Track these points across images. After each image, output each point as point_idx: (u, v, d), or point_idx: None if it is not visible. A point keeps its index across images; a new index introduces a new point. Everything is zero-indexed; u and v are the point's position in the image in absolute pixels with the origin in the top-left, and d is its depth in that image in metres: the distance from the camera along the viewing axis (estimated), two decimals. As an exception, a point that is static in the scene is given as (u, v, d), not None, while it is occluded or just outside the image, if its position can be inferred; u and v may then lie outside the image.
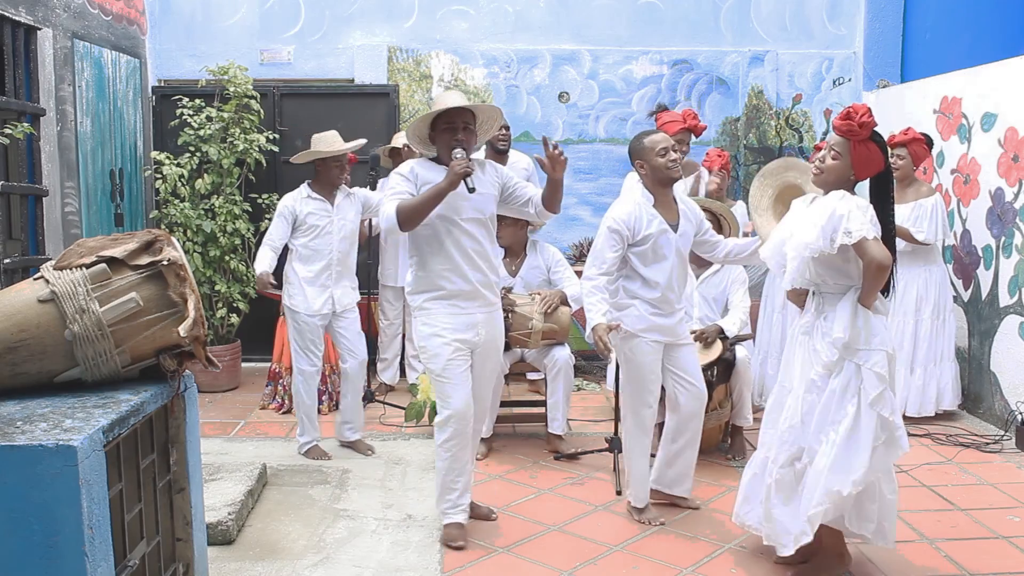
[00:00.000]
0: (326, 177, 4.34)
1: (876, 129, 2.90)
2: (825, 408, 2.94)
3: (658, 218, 3.47)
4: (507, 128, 5.43)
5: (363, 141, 4.53)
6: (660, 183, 3.48)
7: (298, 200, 4.32)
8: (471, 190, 3.09)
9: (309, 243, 4.31)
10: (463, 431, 3.29)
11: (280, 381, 5.38)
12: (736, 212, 4.80)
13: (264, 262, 4.27)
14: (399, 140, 5.31)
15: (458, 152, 3.12)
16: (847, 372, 2.92)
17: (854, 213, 2.78)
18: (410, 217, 3.11)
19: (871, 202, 2.91)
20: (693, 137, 4.71)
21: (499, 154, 5.28)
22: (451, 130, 3.21)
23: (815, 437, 2.94)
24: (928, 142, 5.06)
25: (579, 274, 4.87)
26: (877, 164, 2.91)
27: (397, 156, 5.34)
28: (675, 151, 3.48)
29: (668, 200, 3.53)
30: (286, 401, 5.29)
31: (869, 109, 2.86)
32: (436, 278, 3.25)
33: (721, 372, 4.26)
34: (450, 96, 3.29)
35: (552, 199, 3.32)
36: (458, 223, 3.22)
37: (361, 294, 5.64)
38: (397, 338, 5.72)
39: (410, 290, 3.35)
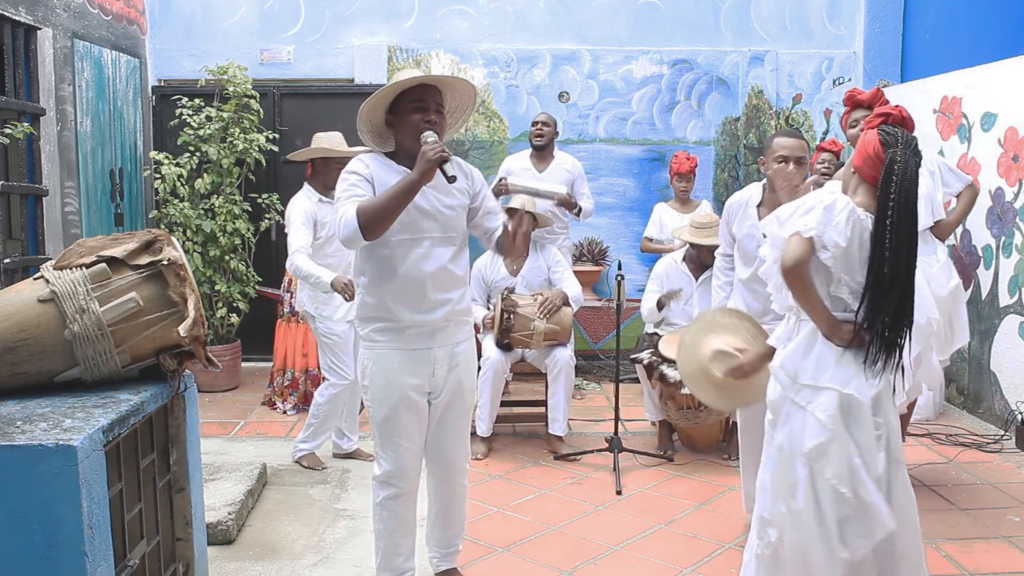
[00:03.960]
0: (325, 179, 4.14)
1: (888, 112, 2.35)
2: (776, 467, 2.43)
3: (751, 221, 3.29)
4: (547, 124, 5.40)
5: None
6: (771, 190, 3.28)
7: (313, 203, 4.09)
8: (451, 179, 2.47)
9: (328, 250, 4.11)
10: (407, 490, 2.77)
11: (272, 383, 5.41)
12: (701, 211, 4.83)
13: (320, 268, 3.90)
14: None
15: (429, 136, 2.50)
16: (793, 421, 2.38)
17: (816, 208, 2.30)
18: (374, 221, 2.47)
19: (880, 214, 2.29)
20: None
21: (537, 150, 5.26)
22: (420, 110, 2.57)
23: (774, 506, 2.43)
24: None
25: (577, 275, 4.91)
26: (873, 154, 2.33)
27: None
28: (800, 164, 3.15)
29: (778, 203, 3.04)
30: (276, 402, 5.35)
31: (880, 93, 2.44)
32: (389, 306, 2.64)
33: None
34: (409, 71, 2.65)
35: (507, 250, 2.79)
36: (420, 242, 2.62)
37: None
38: None
39: (358, 315, 2.75)
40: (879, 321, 2.29)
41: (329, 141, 4.22)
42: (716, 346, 2.85)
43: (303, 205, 4.08)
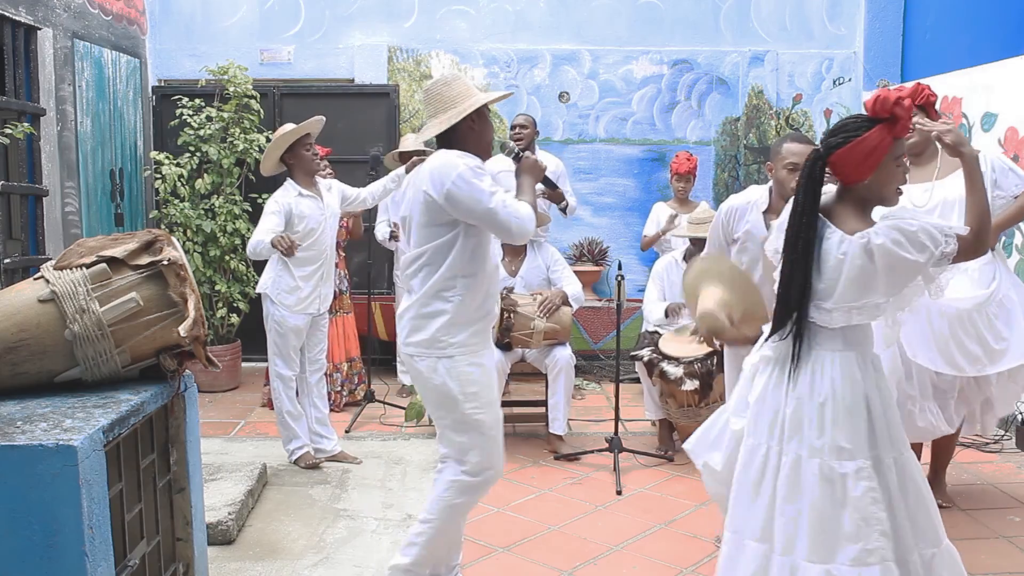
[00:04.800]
0: (303, 167, 4.06)
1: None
2: None
3: (753, 226, 3.24)
4: (524, 126, 5.31)
5: (321, 118, 4.17)
6: (779, 195, 3.20)
7: (291, 197, 4.00)
8: (553, 187, 3.05)
9: (305, 244, 4.00)
10: None
11: None
12: (699, 213, 4.79)
13: (263, 234, 3.81)
14: (408, 144, 5.21)
15: (520, 147, 2.89)
16: None
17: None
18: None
19: None
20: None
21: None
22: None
23: None
24: None
25: (577, 275, 4.91)
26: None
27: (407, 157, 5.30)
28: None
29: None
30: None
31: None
32: (486, 301, 2.68)
33: (722, 361, 4.23)
34: (474, 87, 2.77)
35: None
36: (491, 236, 2.73)
37: (361, 294, 5.67)
38: None
39: (450, 322, 2.60)
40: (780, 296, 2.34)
41: (282, 131, 4.09)
42: (708, 307, 2.98)
43: (279, 197, 4.02)
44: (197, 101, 5.83)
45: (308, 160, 4.08)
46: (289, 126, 4.11)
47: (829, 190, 2.36)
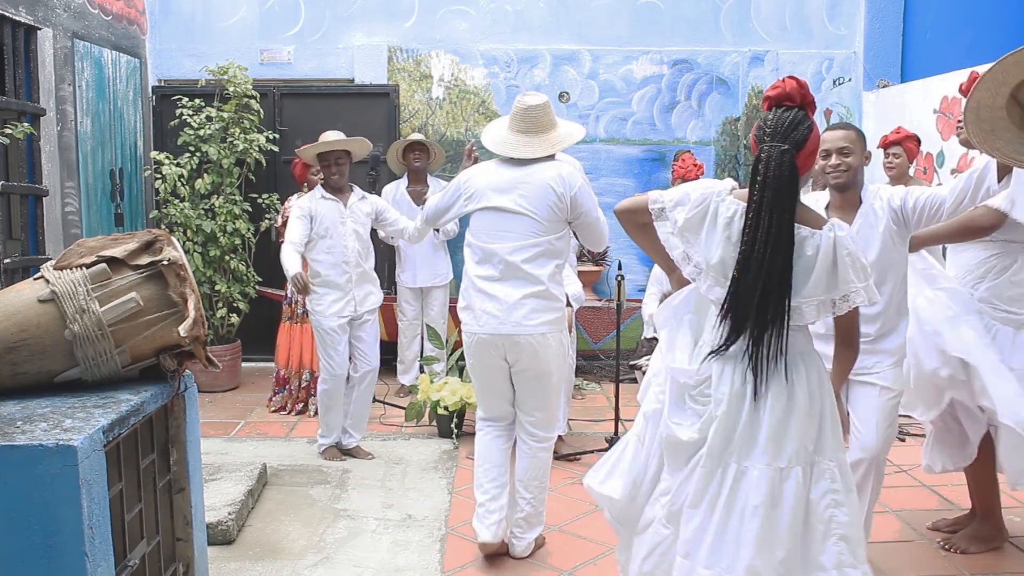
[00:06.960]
0: (325, 175, 4.31)
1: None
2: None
3: None
4: None
5: (366, 143, 4.45)
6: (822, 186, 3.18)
7: (314, 201, 4.27)
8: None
9: (324, 245, 4.22)
10: None
11: (288, 386, 5.35)
12: None
13: (294, 262, 4.04)
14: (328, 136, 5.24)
15: None
16: None
17: (688, 187, 2.47)
18: None
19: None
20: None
21: None
22: None
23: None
24: (917, 140, 4.97)
25: (578, 275, 4.90)
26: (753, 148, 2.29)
27: (424, 154, 5.42)
28: (844, 155, 2.84)
29: (846, 202, 2.90)
30: (292, 405, 5.30)
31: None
32: None
33: None
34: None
35: None
36: None
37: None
38: (416, 339, 5.72)
39: (562, 303, 3.22)
40: (734, 307, 2.20)
41: (361, 141, 4.40)
42: None
43: (303, 203, 4.30)
44: (197, 101, 5.83)
45: (329, 174, 4.30)
46: (334, 135, 4.40)
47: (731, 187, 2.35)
